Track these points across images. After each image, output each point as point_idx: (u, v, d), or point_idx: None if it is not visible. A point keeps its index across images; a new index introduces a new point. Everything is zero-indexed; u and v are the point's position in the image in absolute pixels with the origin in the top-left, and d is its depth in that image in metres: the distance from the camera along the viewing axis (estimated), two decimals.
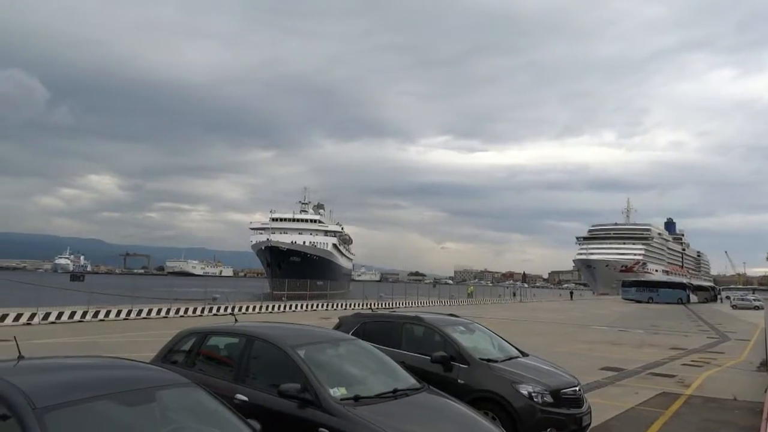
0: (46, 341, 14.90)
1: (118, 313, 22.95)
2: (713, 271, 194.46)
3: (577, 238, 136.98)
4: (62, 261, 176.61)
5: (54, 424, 2.97)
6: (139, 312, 23.73)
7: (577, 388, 6.88)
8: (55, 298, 24.97)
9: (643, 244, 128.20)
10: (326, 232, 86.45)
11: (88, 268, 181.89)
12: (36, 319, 19.93)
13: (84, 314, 21.63)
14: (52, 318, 20.46)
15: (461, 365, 6.87)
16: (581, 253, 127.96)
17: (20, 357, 3.93)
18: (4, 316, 19.39)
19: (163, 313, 24.47)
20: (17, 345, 4.20)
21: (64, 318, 20.84)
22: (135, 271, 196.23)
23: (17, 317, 19.68)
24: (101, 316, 22.16)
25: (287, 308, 31.77)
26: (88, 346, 14.36)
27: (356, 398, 4.72)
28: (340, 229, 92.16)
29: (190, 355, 5.91)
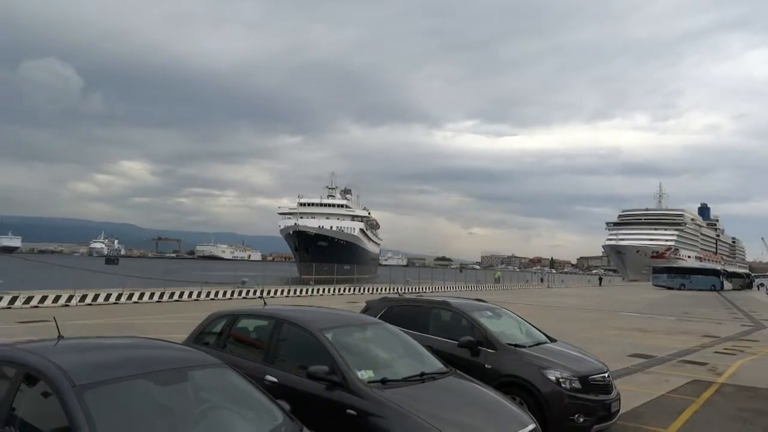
0: (84, 322, 15.36)
1: (151, 295, 23.51)
2: (749, 258, 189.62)
3: (607, 223, 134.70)
4: (97, 245, 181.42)
5: (92, 401, 3.08)
6: (171, 295, 24.26)
7: (606, 375, 6.81)
8: (92, 280, 25.70)
9: (675, 229, 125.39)
10: (353, 217, 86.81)
11: (122, 252, 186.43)
12: (73, 301, 20.56)
13: (119, 296, 22.21)
14: (88, 300, 21.07)
15: (488, 350, 6.86)
16: (611, 239, 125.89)
17: (60, 337, 4.08)
18: (44, 298, 20.04)
19: (194, 296, 24.98)
20: (57, 325, 4.36)
21: (100, 300, 21.44)
22: (166, 255, 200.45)
23: (56, 299, 20.33)
24: (135, 298, 22.73)
25: (315, 292, 32.10)
26: (123, 327, 14.77)
27: (383, 381, 4.76)
28: (367, 214, 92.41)
29: (221, 337, 6.03)
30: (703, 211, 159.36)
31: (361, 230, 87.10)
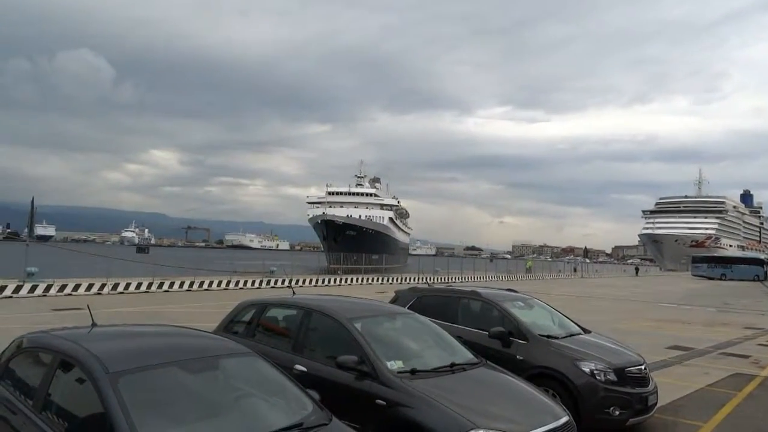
0: (116, 310, 15.78)
1: (181, 284, 23.98)
2: None
3: (644, 211, 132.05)
4: (128, 234, 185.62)
5: (126, 388, 3.17)
6: (201, 284, 24.71)
7: (642, 367, 6.71)
8: (123, 269, 26.37)
9: (716, 217, 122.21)
10: (382, 206, 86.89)
11: (152, 241, 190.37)
12: (106, 289, 21.11)
13: (150, 285, 22.72)
14: (120, 288, 21.62)
15: (520, 341, 6.82)
16: (648, 227, 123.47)
17: (93, 324, 4.20)
18: (78, 286, 20.64)
19: (223, 285, 25.38)
20: (90, 313, 4.48)
21: (132, 288, 21.97)
22: (196, 244, 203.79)
23: (89, 287, 20.92)
24: (165, 287, 23.22)
25: (343, 282, 32.31)
26: (154, 315, 15.11)
27: (413, 371, 4.78)
28: (396, 203, 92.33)
29: (250, 326, 6.13)
30: (746, 198, 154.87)
31: (390, 219, 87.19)
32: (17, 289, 19.07)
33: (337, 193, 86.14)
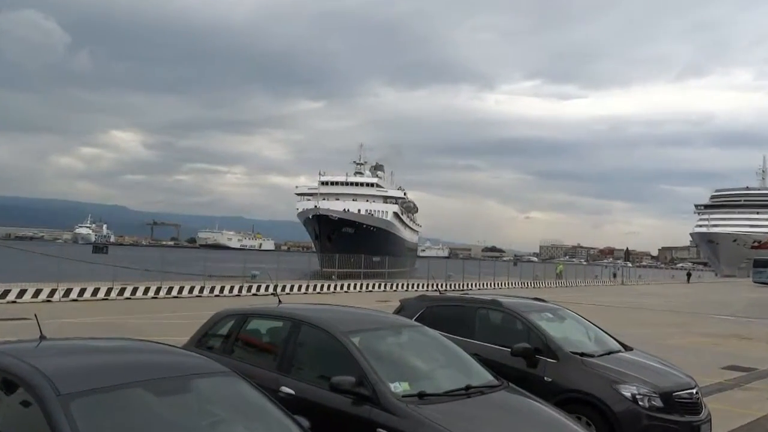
0: (69, 320, 15.81)
1: (146, 290, 24.06)
2: None
3: (697, 206, 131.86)
4: (83, 230, 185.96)
5: (80, 412, 3.13)
6: (170, 290, 24.80)
7: (693, 391, 6.72)
8: (77, 272, 26.41)
9: None
10: (386, 199, 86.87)
11: (111, 239, 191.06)
12: (57, 296, 21.18)
13: (109, 291, 22.80)
14: (74, 295, 21.70)
15: (548, 359, 6.83)
16: (701, 225, 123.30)
17: (42, 338, 4.17)
18: (23, 292, 20.70)
19: (196, 292, 25.47)
20: (38, 324, 4.46)
21: (87, 295, 22.05)
22: (163, 242, 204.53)
23: (36, 293, 20.98)
24: (128, 293, 23.30)
25: (338, 288, 32.34)
26: (115, 327, 15.16)
27: (421, 395, 4.78)
28: (402, 195, 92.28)
29: (228, 340, 6.14)
30: None
31: (395, 214, 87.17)
32: None
33: (332, 183, 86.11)
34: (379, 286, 35.03)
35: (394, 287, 35.29)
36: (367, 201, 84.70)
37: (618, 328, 11.78)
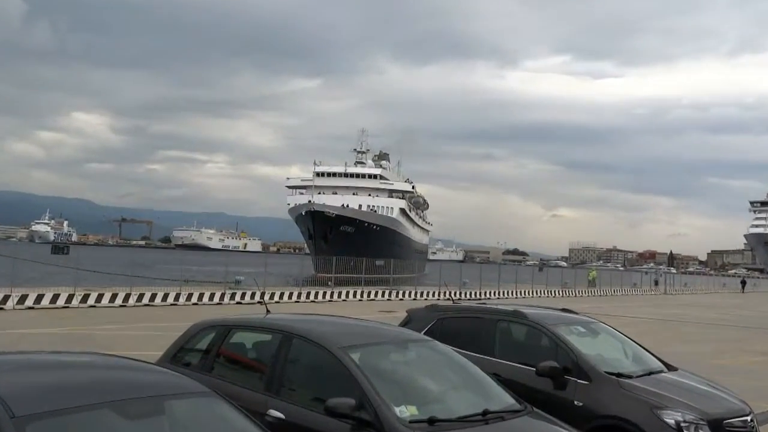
0: (25, 331, 15.87)
1: (113, 297, 24.09)
2: None
3: (752, 203, 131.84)
4: (41, 227, 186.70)
5: None
6: (140, 297, 24.84)
7: (747, 418, 6.72)
8: (34, 276, 26.50)
9: None
10: (391, 192, 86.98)
11: (74, 237, 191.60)
12: (9, 303, 21.22)
13: (70, 298, 22.83)
14: (29, 302, 21.73)
15: (579, 380, 6.83)
16: (758, 225, 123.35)
17: None
18: None
19: (170, 300, 25.52)
20: None
21: (45, 302, 22.09)
22: (133, 242, 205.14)
23: None
24: (92, 300, 23.33)
25: (336, 296, 32.36)
26: (78, 339, 15.17)
27: (431, 421, 4.78)
28: (410, 189, 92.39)
29: (208, 356, 6.15)
30: None
31: (402, 211, 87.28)
32: None
33: (330, 175, 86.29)
34: (383, 294, 35.01)
35: (401, 296, 35.28)
36: (370, 195, 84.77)
37: (660, 345, 11.76)
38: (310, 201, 75.36)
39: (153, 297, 25.26)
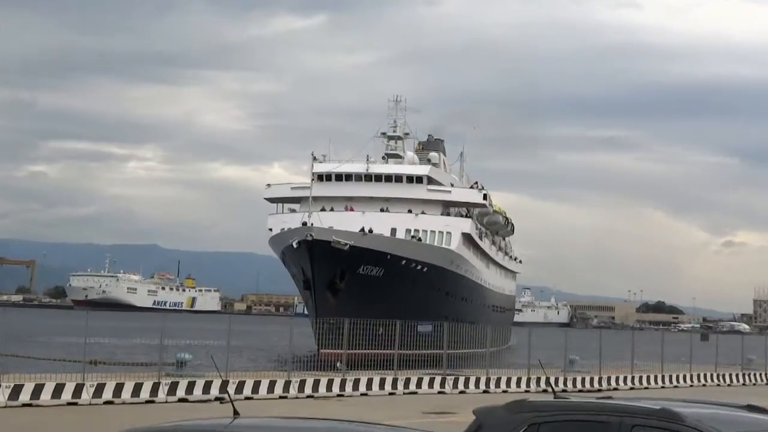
0: None
1: None
2: None
3: None
4: None
5: None
6: (16, 392, 25.06)
7: None
8: None
9: None
10: (448, 206, 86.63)
11: None
12: None
13: None
14: None
15: None
16: None
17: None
18: None
19: (67, 395, 25.68)
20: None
21: None
22: (4, 296, 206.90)
23: None
24: None
25: (350, 387, 32.46)
26: None
27: None
28: (482, 200, 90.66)
29: None
30: None
31: (468, 238, 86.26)
32: None
33: (340, 178, 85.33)
34: (432, 384, 35.11)
35: (463, 385, 35.38)
36: (411, 212, 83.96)
37: None
38: (306, 223, 74.64)
39: (37, 391, 25.44)
